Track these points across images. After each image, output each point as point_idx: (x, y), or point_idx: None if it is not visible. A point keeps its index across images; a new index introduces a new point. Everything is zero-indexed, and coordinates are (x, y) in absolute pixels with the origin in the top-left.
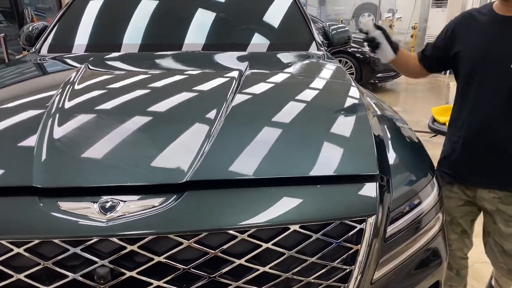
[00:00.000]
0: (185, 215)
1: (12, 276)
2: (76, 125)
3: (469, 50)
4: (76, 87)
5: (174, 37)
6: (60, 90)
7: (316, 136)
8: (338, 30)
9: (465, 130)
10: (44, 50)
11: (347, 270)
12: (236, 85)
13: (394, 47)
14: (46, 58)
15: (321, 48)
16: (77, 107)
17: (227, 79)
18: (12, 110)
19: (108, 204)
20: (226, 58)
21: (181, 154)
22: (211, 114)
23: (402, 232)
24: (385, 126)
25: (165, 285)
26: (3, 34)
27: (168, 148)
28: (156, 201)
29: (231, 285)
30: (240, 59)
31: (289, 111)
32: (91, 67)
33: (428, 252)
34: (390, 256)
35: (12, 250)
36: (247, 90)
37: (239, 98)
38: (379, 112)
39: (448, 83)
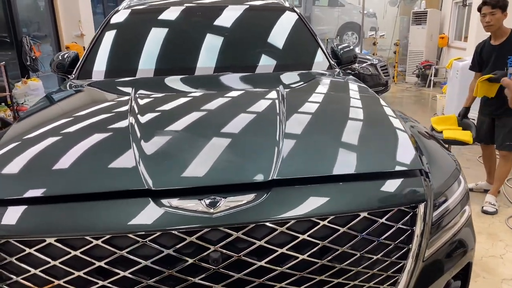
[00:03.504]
0: (276, 206)
1: (140, 263)
2: (165, 139)
3: None
4: (144, 107)
5: (187, 61)
6: (131, 110)
7: (368, 139)
8: (345, 50)
9: None
10: (82, 76)
11: (406, 249)
12: (281, 100)
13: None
14: (100, 83)
15: (335, 67)
16: (157, 124)
17: (271, 95)
18: (98, 131)
19: (212, 201)
20: (260, 79)
21: (262, 159)
22: (273, 125)
23: (442, 218)
24: (412, 130)
25: (267, 265)
26: (3, 62)
27: (249, 155)
28: (249, 196)
29: (317, 263)
30: (272, 79)
31: (335, 119)
32: (143, 89)
33: (460, 238)
34: (435, 238)
35: (138, 242)
36: (292, 104)
37: (289, 110)
38: (404, 119)
39: (435, 95)
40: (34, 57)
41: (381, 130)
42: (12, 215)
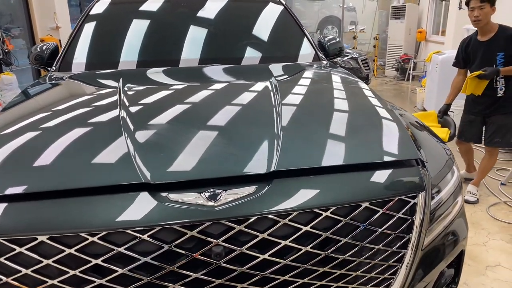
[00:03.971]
0: (278, 198)
1: (139, 260)
2: (160, 132)
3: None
4: (134, 100)
5: (171, 53)
6: (121, 103)
7: (366, 129)
8: (332, 42)
9: None
10: (63, 69)
11: (406, 238)
12: (275, 92)
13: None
14: (83, 75)
15: (323, 59)
16: (150, 116)
17: (265, 86)
18: (88, 124)
19: (212, 194)
20: (250, 70)
21: (261, 151)
22: (270, 117)
23: (439, 206)
24: (407, 122)
25: (270, 258)
26: None
27: (249, 146)
28: (251, 188)
29: (321, 254)
30: (264, 70)
31: (331, 110)
32: (131, 82)
33: (454, 226)
34: (433, 226)
35: (136, 238)
36: (286, 95)
37: (284, 101)
38: (397, 110)
39: (414, 88)
40: (7, 50)
41: (378, 120)
42: (1, 213)
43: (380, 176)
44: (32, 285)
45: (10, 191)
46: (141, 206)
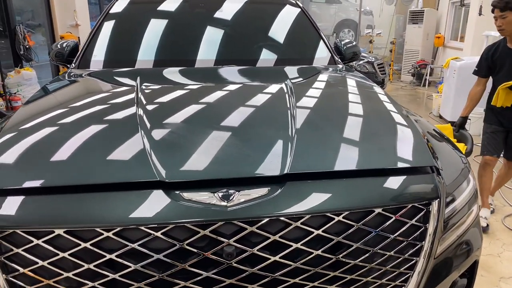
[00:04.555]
0: (290, 201)
1: (152, 256)
2: (176, 131)
3: None
4: (152, 99)
5: (187, 53)
6: (139, 101)
7: (381, 135)
8: (348, 46)
9: None
10: (82, 66)
11: (418, 246)
12: (290, 94)
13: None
14: (101, 73)
15: (339, 62)
16: (166, 115)
17: (280, 89)
18: (106, 122)
19: (225, 194)
20: (265, 72)
21: (275, 153)
22: (285, 119)
23: (453, 215)
24: (422, 128)
25: (281, 260)
26: None
27: (263, 148)
28: (263, 190)
29: (331, 258)
30: (279, 72)
31: (346, 115)
32: (149, 80)
33: (469, 235)
34: (447, 235)
35: (150, 234)
36: (301, 97)
37: (299, 104)
38: (412, 116)
39: (430, 94)
40: (27, 46)
41: (393, 126)
42: (20, 205)
43: (394, 182)
44: (48, 277)
45: (28, 184)
46: (155, 204)
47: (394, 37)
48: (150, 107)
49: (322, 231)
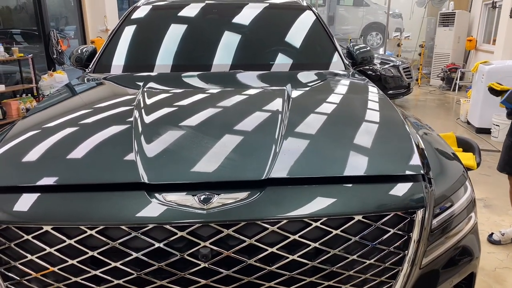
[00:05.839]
0: (269, 205)
1: (131, 255)
2: (165, 135)
3: None
4: (150, 102)
5: (203, 58)
6: (137, 104)
7: (369, 142)
8: (361, 50)
9: None
10: (97, 70)
11: (401, 255)
12: (286, 100)
13: None
14: (113, 77)
15: (349, 67)
16: (159, 118)
17: (276, 95)
18: (102, 124)
19: (205, 197)
20: (269, 77)
21: (258, 157)
22: (274, 124)
23: (444, 225)
24: (420, 134)
25: (256, 263)
26: (31, 55)
27: (247, 152)
28: (243, 194)
29: (307, 264)
30: (282, 78)
31: (337, 121)
32: (152, 84)
33: (464, 246)
34: (435, 246)
35: (130, 234)
36: (297, 103)
37: (292, 109)
38: (412, 123)
39: (459, 99)
40: (60, 50)
41: (384, 133)
42: (14, 202)
43: (378, 190)
44: (35, 270)
45: (20, 183)
46: (137, 205)
47: (424, 40)
48: (145, 111)
49: (299, 236)
